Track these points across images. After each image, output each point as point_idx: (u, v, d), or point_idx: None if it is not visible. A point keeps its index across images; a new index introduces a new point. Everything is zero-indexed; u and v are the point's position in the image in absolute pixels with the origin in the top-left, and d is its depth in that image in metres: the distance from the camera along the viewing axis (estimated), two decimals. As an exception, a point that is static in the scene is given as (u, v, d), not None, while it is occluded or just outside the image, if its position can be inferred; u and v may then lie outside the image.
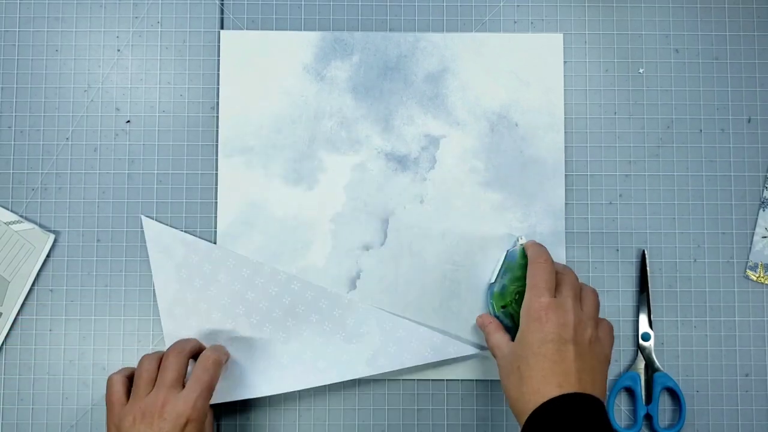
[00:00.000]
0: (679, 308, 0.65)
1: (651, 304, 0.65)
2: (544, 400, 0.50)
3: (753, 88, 0.67)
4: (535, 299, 0.54)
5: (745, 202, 0.66)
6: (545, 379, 0.50)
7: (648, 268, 0.65)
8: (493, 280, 0.63)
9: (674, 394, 0.65)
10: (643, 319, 0.65)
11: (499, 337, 0.58)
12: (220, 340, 0.63)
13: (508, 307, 0.59)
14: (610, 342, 0.56)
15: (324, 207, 0.65)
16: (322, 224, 0.65)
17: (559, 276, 0.57)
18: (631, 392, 0.65)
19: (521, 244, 0.62)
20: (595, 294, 0.57)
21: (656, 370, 0.64)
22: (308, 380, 0.63)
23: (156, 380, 0.57)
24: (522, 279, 0.59)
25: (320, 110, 0.66)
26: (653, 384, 0.64)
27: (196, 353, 0.61)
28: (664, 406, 0.65)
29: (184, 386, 0.57)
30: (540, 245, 0.60)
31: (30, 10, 0.67)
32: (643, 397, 0.64)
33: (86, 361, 0.64)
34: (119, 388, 0.57)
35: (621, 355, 0.65)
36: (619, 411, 0.65)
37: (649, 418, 0.64)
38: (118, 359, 0.64)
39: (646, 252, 0.65)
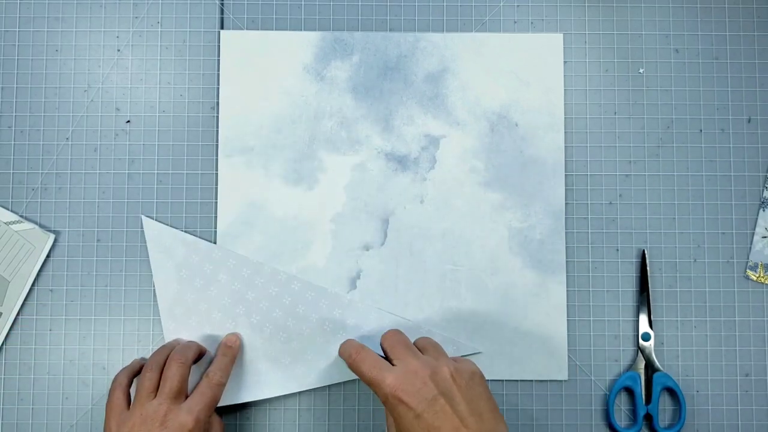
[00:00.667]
0: (679, 308, 0.66)
1: (651, 304, 0.65)
2: None
3: (753, 88, 0.67)
4: (382, 387, 0.51)
5: (745, 202, 0.66)
6: None
7: (648, 268, 0.65)
8: None
9: (674, 394, 0.65)
10: (643, 319, 0.65)
11: None
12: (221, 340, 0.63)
13: None
14: (468, 360, 0.55)
15: (324, 207, 0.66)
16: (322, 224, 0.65)
17: (385, 346, 0.55)
18: (630, 392, 0.65)
19: None
20: (428, 338, 0.57)
21: (656, 370, 0.64)
22: (309, 381, 0.63)
23: (158, 388, 0.57)
24: None
25: (320, 110, 0.66)
26: (653, 384, 0.64)
27: (198, 359, 0.61)
28: (664, 406, 0.65)
29: (186, 395, 0.57)
30: (343, 345, 0.58)
31: (30, 10, 0.67)
32: (643, 397, 0.64)
33: (86, 361, 0.64)
34: (120, 394, 0.57)
35: (621, 355, 0.65)
36: (620, 411, 0.65)
37: (649, 418, 0.64)
38: (118, 359, 0.64)
39: (646, 252, 0.65)
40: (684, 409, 0.64)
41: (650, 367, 0.64)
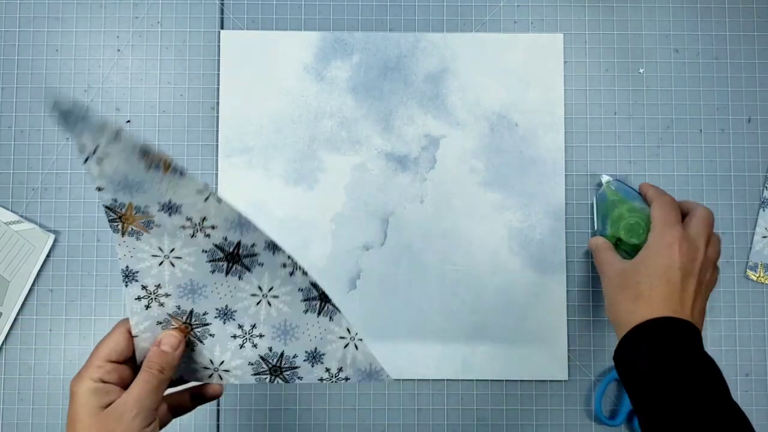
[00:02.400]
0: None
1: None
2: (658, 317, 0.51)
3: (753, 88, 0.67)
4: (669, 229, 0.55)
5: (745, 202, 0.66)
6: (664, 302, 0.52)
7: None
8: (596, 229, 0.65)
9: None
10: None
11: (611, 254, 0.58)
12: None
13: (621, 245, 0.60)
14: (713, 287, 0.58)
15: (324, 207, 0.66)
16: (323, 224, 0.65)
17: (691, 212, 0.57)
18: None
19: (606, 182, 0.64)
20: (719, 241, 0.58)
21: None
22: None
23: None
24: (625, 213, 0.60)
25: (320, 110, 0.66)
26: None
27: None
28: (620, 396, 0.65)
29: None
30: (652, 186, 0.60)
31: (30, 10, 0.67)
32: None
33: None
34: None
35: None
36: (607, 402, 0.65)
37: (633, 414, 0.64)
38: (118, 359, 0.64)
39: None
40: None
41: None
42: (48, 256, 0.65)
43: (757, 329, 0.66)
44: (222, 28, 0.67)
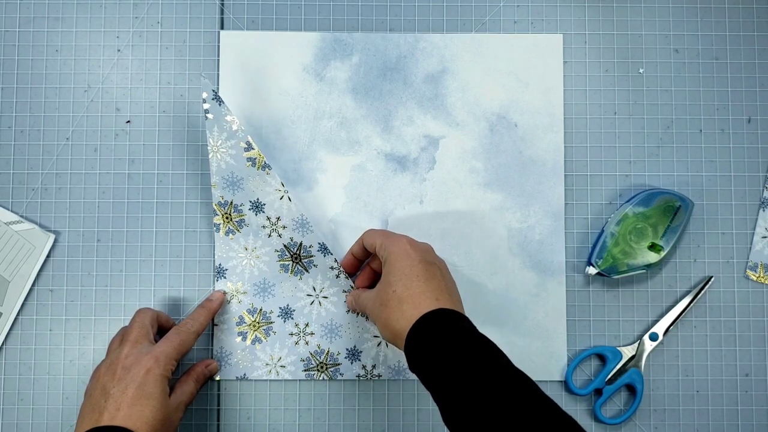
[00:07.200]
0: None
1: (666, 309, 0.65)
2: (427, 311, 0.53)
3: (753, 88, 0.67)
4: (396, 237, 0.58)
5: (745, 202, 0.66)
6: (423, 295, 0.54)
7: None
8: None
9: (633, 395, 0.65)
10: (663, 320, 0.65)
11: (366, 291, 0.60)
12: None
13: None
14: None
15: (324, 207, 0.66)
16: (322, 225, 0.65)
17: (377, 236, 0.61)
18: (603, 362, 0.65)
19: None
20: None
21: (637, 366, 0.64)
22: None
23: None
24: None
25: (320, 111, 0.66)
26: (624, 374, 0.64)
27: (161, 322, 0.61)
28: (619, 397, 0.65)
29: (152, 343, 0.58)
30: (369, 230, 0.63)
31: (30, 10, 0.67)
32: (610, 375, 0.64)
33: (86, 361, 0.65)
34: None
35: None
36: (582, 371, 0.65)
37: (599, 393, 0.64)
38: (118, 359, 0.64)
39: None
40: (633, 409, 0.64)
41: (634, 360, 0.64)
42: (48, 256, 0.65)
43: (757, 329, 0.66)
44: (222, 28, 0.67)
